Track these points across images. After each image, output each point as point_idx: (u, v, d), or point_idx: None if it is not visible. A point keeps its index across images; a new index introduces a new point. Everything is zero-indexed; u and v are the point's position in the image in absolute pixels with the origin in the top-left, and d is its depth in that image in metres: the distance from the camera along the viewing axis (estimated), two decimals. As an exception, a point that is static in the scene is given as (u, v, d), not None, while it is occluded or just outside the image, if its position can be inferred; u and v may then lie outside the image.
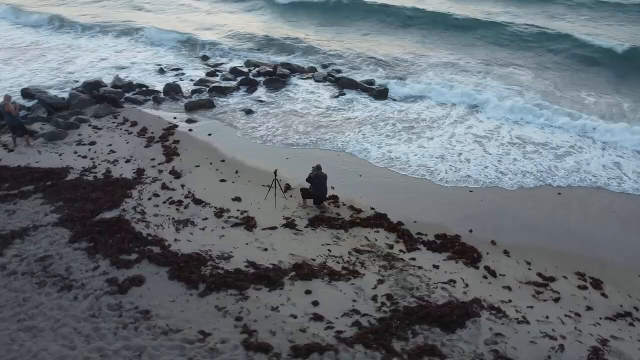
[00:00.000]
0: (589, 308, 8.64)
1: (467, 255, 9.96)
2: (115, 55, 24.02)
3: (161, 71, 21.52)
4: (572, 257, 10.11)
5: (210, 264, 9.13)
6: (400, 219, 11.20)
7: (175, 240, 9.84)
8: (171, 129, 15.44)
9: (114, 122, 15.79)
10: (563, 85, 19.69)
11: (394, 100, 18.73)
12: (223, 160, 13.59)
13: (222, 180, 12.56)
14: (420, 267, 9.44)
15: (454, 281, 9.07)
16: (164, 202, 11.29)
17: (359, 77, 20.69)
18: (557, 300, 8.81)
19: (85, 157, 13.27)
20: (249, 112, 17.19)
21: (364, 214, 11.35)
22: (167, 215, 10.75)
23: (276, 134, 15.47)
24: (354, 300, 8.38)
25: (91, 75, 20.69)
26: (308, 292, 8.51)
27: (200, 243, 9.79)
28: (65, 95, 18.14)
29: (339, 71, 21.84)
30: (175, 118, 16.41)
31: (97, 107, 16.55)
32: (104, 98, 17.26)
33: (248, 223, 10.64)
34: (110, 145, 14.07)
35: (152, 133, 15.08)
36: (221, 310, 7.98)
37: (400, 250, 10.06)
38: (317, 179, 11.34)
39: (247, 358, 7.01)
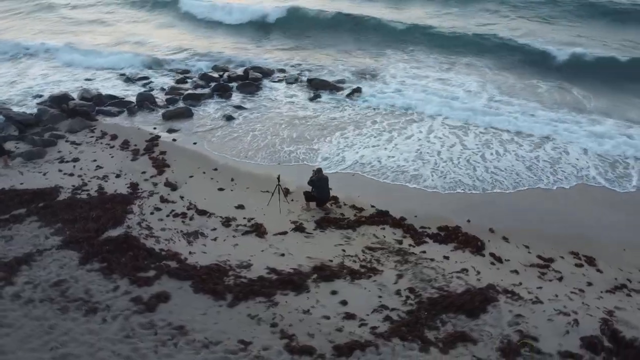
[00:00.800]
0: (589, 284, 9.43)
1: (472, 244, 10.54)
2: (67, 68, 22.97)
3: (128, 80, 20.93)
4: (564, 238, 10.89)
5: (232, 273, 9.18)
6: (400, 214, 11.65)
7: (190, 253, 9.80)
8: (154, 140, 15.16)
9: (92, 137, 15.29)
10: (518, 82, 20.56)
11: (367, 99, 19.19)
12: (216, 169, 13.55)
13: (221, 189, 12.54)
14: (432, 259, 9.91)
15: (466, 270, 9.60)
16: (168, 216, 11.16)
17: (321, 78, 20.91)
18: (560, 279, 9.55)
19: (72, 174, 12.81)
20: (229, 118, 17.12)
21: (366, 212, 11.72)
22: (175, 229, 10.65)
23: (261, 147, 15.03)
24: (380, 297, 8.71)
25: (51, 88, 19.85)
26: (334, 292, 8.76)
27: (215, 254, 9.80)
28: (29, 110, 17.38)
29: (306, 72, 22.10)
30: (155, 128, 16.12)
31: (71, 121, 15.95)
32: (76, 112, 16.64)
33: (258, 230, 10.73)
34: (94, 160, 13.65)
35: (136, 145, 14.75)
36: (254, 318, 8.08)
37: (410, 245, 10.50)
38: (320, 181, 11.60)
39: (293, 362, 7.19)
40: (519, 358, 7.29)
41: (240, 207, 11.69)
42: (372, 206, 11.99)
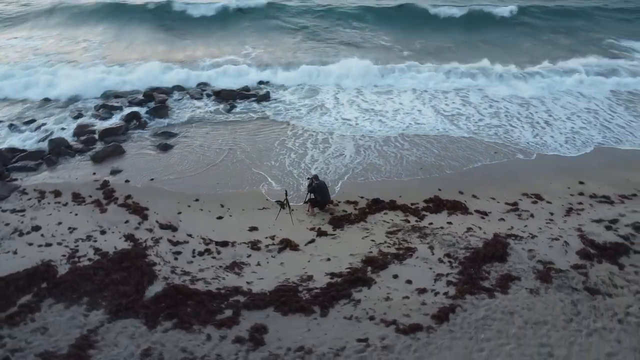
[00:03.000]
0: (551, 213, 12.44)
1: (458, 207, 12.80)
2: None
3: (12, 127, 18.15)
4: (511, 185, 13.91)
5: (302, 288, 9.83)
6: (388, 198, 13.32)
7: (248, 283, 10.07)
8: (105, 185, 14.04)
9: (30, 199, 13.43)
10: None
11: (278, 100, 20.31)
12: (197, 200, 13.37)
13: (220, 218, 12.58)
14: (441, 227, 11.85)
15: (471, 228, 11.79)
16: (194, 256, 11.00)
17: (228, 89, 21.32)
18: (532, 216, 12.37)
19: (49, 244, 11.37)
20: (166, 147, 16.41)
21: (362, 203, 13.11)
22: (212, 266, 10.64)
23: (243, 182, 14.30)
24: (430, 268, 10.34)
25: None
26: (395, 276, 10.09)
27: (272, 276, 10.23)
28: None
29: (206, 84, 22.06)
30: (94, 174, 14.81)
31: (-11, 188, 13.72)
32: (-14, 175, 14.31)
33: (290, 244, 11.34)
34: (60, 223, 12.19)
35: (91, 196, 13.51)
36: (352, 319, 8.99)
37: (416, 221, 12.29)
38: (320, 186, 12.56)
39: (414, 340, 8.40)
40: (553, 279, 9.70)
41: (254, 228, 12.03)
42: (362, 197, 13.42)
